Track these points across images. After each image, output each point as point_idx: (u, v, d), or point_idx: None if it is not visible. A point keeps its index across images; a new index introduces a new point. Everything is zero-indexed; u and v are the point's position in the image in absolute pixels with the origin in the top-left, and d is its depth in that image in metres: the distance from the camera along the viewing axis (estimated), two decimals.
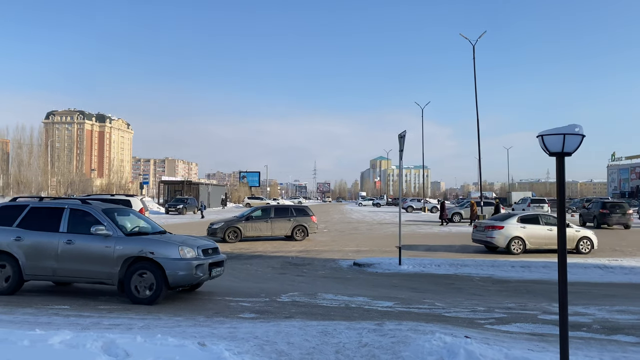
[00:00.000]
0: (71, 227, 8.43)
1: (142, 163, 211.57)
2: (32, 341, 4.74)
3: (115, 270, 8.00)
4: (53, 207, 8.82)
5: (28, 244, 8.39)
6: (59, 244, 8.27)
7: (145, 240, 8.28)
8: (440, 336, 5.52)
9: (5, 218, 8.75)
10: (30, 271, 8.37)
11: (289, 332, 5.95)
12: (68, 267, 8.25)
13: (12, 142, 75.41)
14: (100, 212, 8.51)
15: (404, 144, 13.42)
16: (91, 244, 8.20)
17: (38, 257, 8.33)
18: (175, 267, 7.86)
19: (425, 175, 76.91)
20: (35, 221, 8.61)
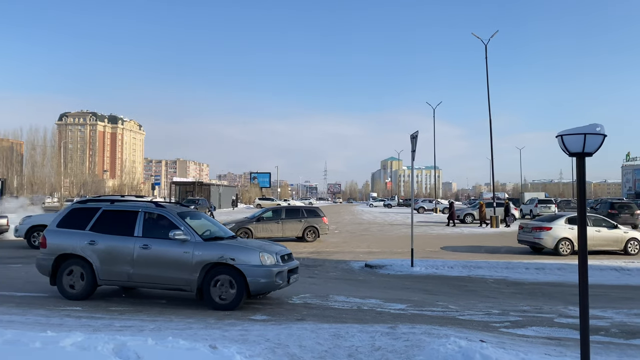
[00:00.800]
0: (146, 231, 8.17)
1: (153, 164, 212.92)
2: (44, 343, 4.72)
3: (194, 277, 7.72)
4: (126, 210, 8.57)
5: (102, 248, 8.15)
6: (135, 249, 8.01)
7: (224, 245, 8.02)
8: (455, 340, 5.42)
9: (77, 221, 8.53)
10: (105, 276, 8.14)
11: (301, 335, 5.88)
12: (144, 272, 7.97)
13: (26, 144, 76.36)
14: (177, 216, 8.25)
15: (416, 144, 13.31)
16: (168, 249, 7.92)
17: (113, 261, 8.09)
18: (256, 274, 7.60)
19: (436, 176, 76.51)
20: (109, 224, 8.36)
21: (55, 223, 8.66)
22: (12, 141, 78.29)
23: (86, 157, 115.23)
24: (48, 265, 8.36)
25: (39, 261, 8.53)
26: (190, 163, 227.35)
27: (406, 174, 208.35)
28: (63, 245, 8.34)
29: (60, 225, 8.60)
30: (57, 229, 8.58)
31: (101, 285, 8.32)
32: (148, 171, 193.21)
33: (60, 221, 8.64)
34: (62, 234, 8.47)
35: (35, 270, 12.14)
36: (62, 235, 8.44)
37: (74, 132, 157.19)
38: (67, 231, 8.46)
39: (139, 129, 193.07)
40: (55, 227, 8.60)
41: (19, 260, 14.27)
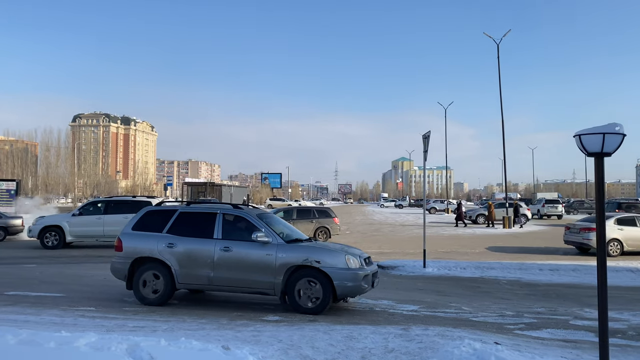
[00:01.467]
0: (225, 233, 7.95)
1: (166, 165, 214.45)
2: (58, 343, 4.74)
3: (278, 280, 7.51)
4: (204, 212, 8.35)
5: (181, 250, 7.91)
6: (215, 251, 7.79)
7: (308, 247, 7.79)
8: (470, 342, 5.36)
9: (152, 224, 8.30)
10: (184, 280, 7.91)
11: (314, 336, 5.86)
12: (225, 275, 7.74)
13: (41, 145, 77.21)
14: (256, 218, 8.06)
15: (428, 144, 13.22)
16: (250, 251, 7.71)
17: (192, 264, 7.86)
18: (343, 277, 7.36)
19: (448, 176, 76.15)
20: (187, 227, 8.13)
21: (130, 226, 8.43)
22: (26, 142, 79.27)
23: (99, 158, 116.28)
24: (124, 269, 8.10)
25: (115, 265, 8.27)
26: (202, 164, 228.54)
27: (417, 174, 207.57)
28: (140, 249, 8.09)
29: (135, 228, 8.36)
30: (133, 232, 8.34)
31: (179, 289, 8.10)
32: (160, 172, 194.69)
33: (135, 224, 8.41)
34: (138, 236, 8.23)
35: (49, 270, 12.34)
36: (139, 238, 8.20)
37: (87, 133, 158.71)
38: (143, 234, 8.23)
39: (152, 130, 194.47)
40: (131, 230, 8.37)
41: (33, 261, 14.43)
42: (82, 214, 17.81)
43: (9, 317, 6.81)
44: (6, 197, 30.91)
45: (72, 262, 14.36)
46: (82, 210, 18.16)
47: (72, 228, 17.51)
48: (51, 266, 13.34)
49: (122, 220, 17.59)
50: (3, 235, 20.07)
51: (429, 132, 13.30)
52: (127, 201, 18.76)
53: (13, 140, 79.28)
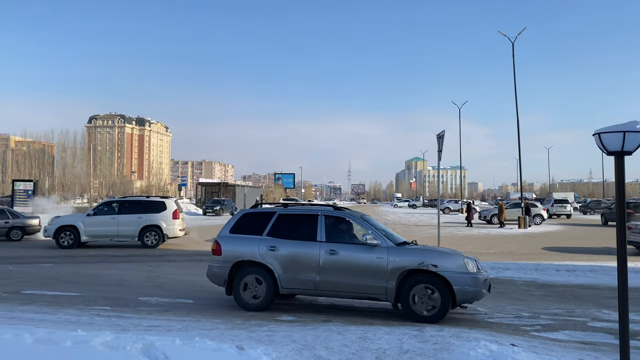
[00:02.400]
0: (329, 236, 7.63)
1: (180, 165, 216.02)
2: (74, 342, 4.78)
3: (391, 285, 7.16)
4: (305, 214, 8.09)
5: (284, 254, 7.60)
6: (320, 255, 7.46)
7: (422, 250, 7.46)
8: (486, 344, 5.30)
9: (251, 226, 8.04)
10: (288, 284, 7.58)
11: (328, 336, 5.84)
12: (332, 280, 7.40)
13: (57, 146, 78.23)
14: (362, 220, 7.80)
15: (442, 144, 13.13)
16: (359, 254, 7.37)
17: (297, 269, 7.54)
18: (463, 282, 6.98)
19: (462, 176, 75.63)
20: (287, 229, 7.87)
21: (228, 229, 8.14)
22: (43, 143, 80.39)
23: (114, 159, 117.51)
24: (224, 273, 7.82)
25: (213, 270, 8.01)
26: (216, 164, 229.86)
27: (431, 174, 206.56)
28: (240, 252, 7.80)
29: (233, 231, 8.08)
30: (231, 234, 8.06)
31: (283, 294, 7.77)
32: (175, 172, 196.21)
33: (233, 227, 8.13)
34: (238, 240, 7.95)
35: (65, 270, 12.48)
36: (238, 242, 7.92)
37: (102, 134, 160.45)
38: (242, 237, 7.95)
39: (166, 130, 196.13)
40: (228, 233, 8.09)
41: (50, 260, 14.60)
42: (97, 214, 17.99)
43: (26, 316, 6.90)
44: (24, 197, 31.37)
45: (88, 261, 14.51)
46: (96, 210, 18.34)
47: (87, 228, 17.68)
48: (67, 266, 13.49)
49: (135, 220, 17.79)
50: (21, 235, 20.37)
51: (443, 132, 13.21)
52: (140, 201, 18.91)
53: (30, 141, 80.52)
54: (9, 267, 12.97)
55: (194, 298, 8.83)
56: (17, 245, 18.78)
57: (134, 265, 13.74)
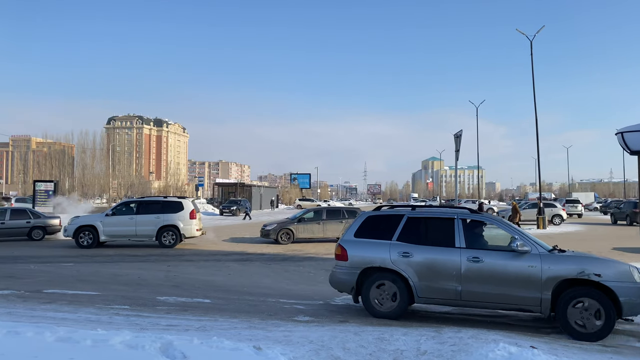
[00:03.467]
0: (469, 241, 7.08)
1: (197, 166, 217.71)
2: (94, 341, 4.84)
3: (546, 296, 6.56)
4: (439, 218, 7.55)
5: (419, 261, 7.10)
6: (462, 262, 6.92)
7: (580, 258, 6.80)
8: (505, 346, 5.23)
9: (378, 230, 7.56)
10: (424, 293, 7.09)
11: (345, 337, 5.82)
12: (477, 290, 6.87)
13: (77, 147, 79.46)
14: (504, 223, 7.30)
15: (460, 143, 13.02)
16: (507, 262, 6.79)
17: (435, 277, 7.03)
18: (630, 293, 6.29)
19: (479, 176, 74.92)
20: (420, 234, 7.38)
21: (352, 233, 7.68)
22: (64, 144, 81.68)
23: (133, 159, 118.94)
24: (351, 280, 7.37)
25: (338, 276, 7.59)
26: (232, 164, 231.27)
27: (448, 174, 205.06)
28: (369, 258, 7.33)
29: (358, 235, 7.61)
30: (356, 239, 7.58)
31: (418, 303, 7.33)
32: (192, 172, 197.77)
33: (357, 230, 7.66)
34: (365, 244, 7.46)
35: (85, 269, 12.65)
36: (366, 247, 7.44)
37: (121, 135, 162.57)
38: (370, 242, 7.47)
39: (183, 131, 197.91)
40: (353, 237, 7.62)
41: (70, 260, 14.82)
42: (115, 214, 18.20)
43: (47, 315, 7.00)
44: (44, 197, 31.90)
45: (106, 261, 14.69)
46: (115, 210, 18.56)
47: (106, 228, 17.91)
48: (87, 265, 13.68)
49: (153, 220, 17.97)
50: (42, 234, 20.71)
51: (460, 132, 13.10)
52: (158, 201, 19.10)
53: (51, 142, 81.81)
54: (31, 266, 13.20)
55: (212, 298, 8.87)
56: (38, 245, 19.10)
57: (152, 265, 13.88)
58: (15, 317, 6.62)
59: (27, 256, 15.44)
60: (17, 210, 21.88)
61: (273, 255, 16.64)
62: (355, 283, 7.37)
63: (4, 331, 5.05)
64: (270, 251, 17.63)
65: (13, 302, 8.03)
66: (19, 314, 6.92)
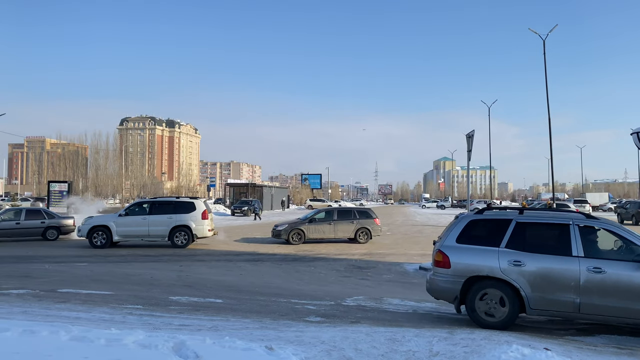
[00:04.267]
0: (587, 250, 6.64)
1: (209, 166, 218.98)
2: (108, 340, 4.88)
3: None
4: (552, 223, 7.03)
5: (532, 270, 6.65)
6: (581, 273, 6.48)
7: None
8: (518, 347, 5.19)
9: (482, 236, 7.14)
10: (537, 304, 6.67)
11: (356, 338, 5.81)
12: (599, 302, 6.44)
13: (90, 148, 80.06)
14: (626, 231, 6.80)
15: (472, 144, 12.95)
16: (634, 274, 6.36)
17: (550, 288, 6.60)
18: None
19: (492, 176, 74.39)
20: (532, 241, 6.92)
21: (454, 238, 7.24)
22: (77, 145, 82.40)
23: (145, 160, 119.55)
24: (455, 289, 6.98)
25: (439, 284, 7.18)
26: (243, 165, 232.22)
27: (460, 174, 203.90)
28: (475, 266, 6.91)
29: (460, 241, 7.18)
30: (459, 245, 7.16)
31: (530, 314, 6.91)
32: (203, 173, 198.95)
33: (460, 236, 7.22)
34: (470, 251, 7.04)
35: (99, 269, 12.78)
36: (471, 254, 7.01)
37: (134, 136, 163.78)
38: (474, 248, 7.05)
39: (195, 132, 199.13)
40: (455, 243, 7.19)
41: (84, 259, 14.98)
42: (128, 214, 18.36)
43: (61, 314, 7.08)
44: (59, 197, 32.28)
45: (120, 261, 14.82)
46: (128, 210, 18.72)
47: (119, 228, 18.07)
48: (100, 265, 13.81)
49: (166, 220, 18.09)
50: (56, 234, 20.96)
51: (472, 132, 13.03)
52: (170, 202, 19.23)
53: (65, 143, 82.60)
54: (46, 266, 13.36)
55: (223, 298, 8.91)
56: (52, 245, 19.33)
57: (164, 265, 13.98)
58: (30, 316, 6.70)
59: (41, 256, 15.63)
60: (32, 211, 22.17)
61: (284, 255, 16.67)
62: (459, 292, 6.96)
63: (19, 330, 5.11)
64: (282, 251, 17.67)
65: (28, 301, 8.13)
66: (34, 313, 7.00)
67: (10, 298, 8.38)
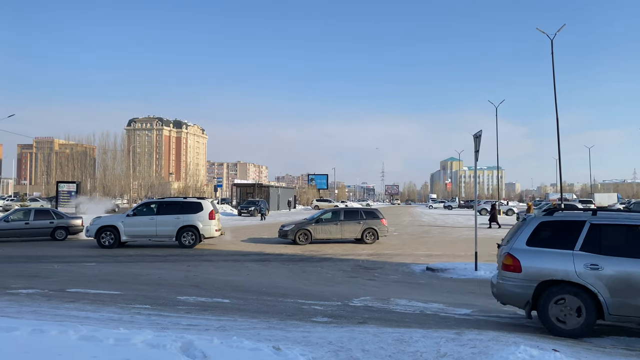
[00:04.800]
0: None
1: (215, 166, 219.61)
2: (117, 340, 4.90)
3: None
4: (629, 225, 6.71)
5: (611, 274, 6.38)
6: None
7: None
8: (526, 348, 5.16)
9: (555, 238, 6.83)
10: (618, 310, 6.39)
11: (363, 338, 5.80)
12: None
13: (98, 148, 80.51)
14: None
15: (479, 144, 12.89)
16: None
17: (631, 293, 6.31)
18: None
19: (499, 177, 74.03)
20: (607, 243, 6.61)
21: (524, 241, 6.94)
22: (85, 146, 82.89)
23: (153, 160, 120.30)
24: (526, 294, 6.70)
25: (508, 288, 6.90)
26: (250, 165, 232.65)
27: (467, 174, 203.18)
28: (549, 270, 6.63)
29: (530, 244, 6.88)
30: (529, 248, 6.86)
31: (609, 320, 6.64)
32: (210, 173, 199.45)
33: (529, 238, 6.92)
34: (542, 254, 6.76)
35: (107, 269, 12.85)
36: (544, 257, 6.73)
37: (141, 136, 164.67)
38: (547, 251, 6.76)
39: (202, 133, 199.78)
40: (525, 246, 6.89)
41: (92, 259, 15.07)
42: (136, 215, 18.44)
43: (70, 313, 7.12)
44: (67, 198, 32.51)
45: (128, 261, 14.89)
46: (135, 210, 18.80)
47: (127, 228, 18.15)
48: (108, 265, 13.89)
49: (173, 220, 18.16)
50: (64, 234, 21.09)
51: (480, 132, 12.97)
52: (178, 202, 19.31)
53: (73, 144, 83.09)
54: (54, 265, 13.45)
55: (231, 298, 8.93)
56: (61, 245, 19.45)
57: (172, 265, 14.04)
58: (39, 316, 6.75)
59: (50, 256, 15.74)
60: (41, 211, 22.33)
61: (291, 255, 16.69)
62: (531, 297, 6.69)
63: (29, 329, 5.15)
64: (288, 252, 17.68)
65: (38, 300, 8.19)
66: (44, 313, 7.05)
67: (19, 297, 8.44)
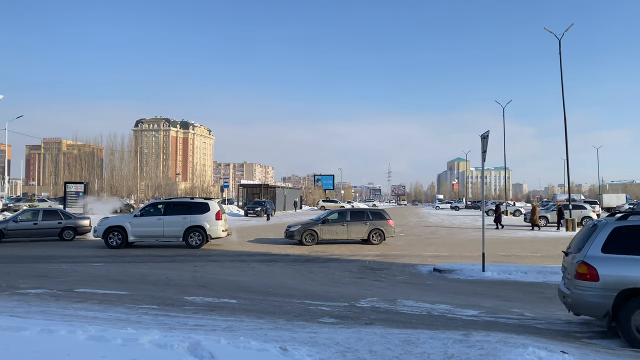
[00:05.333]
0: None
1: (222, 167, 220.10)
2: (124, 340, 4.92)
3: None
4: None
5: None
6: None
7: None
8: (534, 350, 5.13)
9: (632, 244, 6.55)
10: None
11: (371, 339, 5.79)
12: None
13: (106, 149, 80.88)
14: None
15: (486, 144, 12.83)
16: None
17: None
18: None
19: (506, 177, 73.68)
20: None
21: (598, 247, 6.60)
22: (93, 147, 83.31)
23: (160, 161, 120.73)
24: (605, 304, 6.36)
25: (586, 299, 6.55)
26: (256, 166, 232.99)
27: (474, 175, 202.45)
28: (631, 278, 6.31)
29: (606, 250, 6.54)
30: (605, 255, 6.52)
31: None
32: (217, 174, 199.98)
33: (605, 244, 6.59)
34: (621, 262, 6.43)
35: (115, 269, 12.90)
36: (623, 264, 6.40)
37: (148, 137, 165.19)
38: (626, 258, 6.44)
39: (209, 133, 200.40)
40: (601, 253, 6.54)
41: (100, 259, 15.14)
42: (143, 215, 18.52)
43: (78, 313, 7.16)
44: (75, 198, 32.69)
45: (135, 261, 14.95)
46: (143, 211, 18.89)
47: (134, 228, 18.23)
48: (116, 265, 13.95)
49: (180, 220, 18.22)
50: (72, 235, 21.21)
51: (487, 132, 12.92)
52: (185, 203, 19.37)
53: (81, 144, 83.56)
54: (63, 266, 13.53)
55: (238, 298, 8.95)
56: (69, 245, 19.57)
57: (179, 265, 14.08)
58: (48, 316, 6.79)
59: (58, 256, 15.83)
60: (49, 211, 22.46)
61: (297, 256, 16.70)
62: (611, 307, 6.35)
63: (37, 329, 5.18)
64: (295, 252, 17.69)
65: (46, 300, 8.25)
66: (52, 313, 7.09)
67: (28, 297, 8.50)
